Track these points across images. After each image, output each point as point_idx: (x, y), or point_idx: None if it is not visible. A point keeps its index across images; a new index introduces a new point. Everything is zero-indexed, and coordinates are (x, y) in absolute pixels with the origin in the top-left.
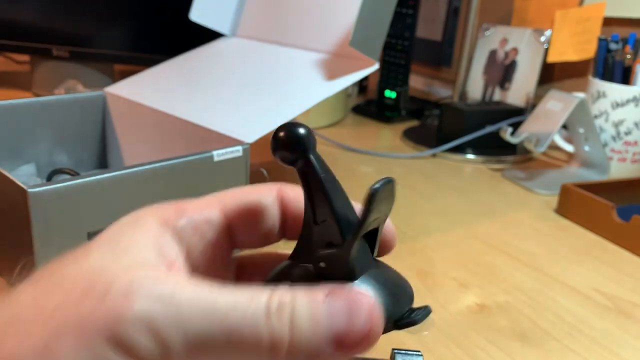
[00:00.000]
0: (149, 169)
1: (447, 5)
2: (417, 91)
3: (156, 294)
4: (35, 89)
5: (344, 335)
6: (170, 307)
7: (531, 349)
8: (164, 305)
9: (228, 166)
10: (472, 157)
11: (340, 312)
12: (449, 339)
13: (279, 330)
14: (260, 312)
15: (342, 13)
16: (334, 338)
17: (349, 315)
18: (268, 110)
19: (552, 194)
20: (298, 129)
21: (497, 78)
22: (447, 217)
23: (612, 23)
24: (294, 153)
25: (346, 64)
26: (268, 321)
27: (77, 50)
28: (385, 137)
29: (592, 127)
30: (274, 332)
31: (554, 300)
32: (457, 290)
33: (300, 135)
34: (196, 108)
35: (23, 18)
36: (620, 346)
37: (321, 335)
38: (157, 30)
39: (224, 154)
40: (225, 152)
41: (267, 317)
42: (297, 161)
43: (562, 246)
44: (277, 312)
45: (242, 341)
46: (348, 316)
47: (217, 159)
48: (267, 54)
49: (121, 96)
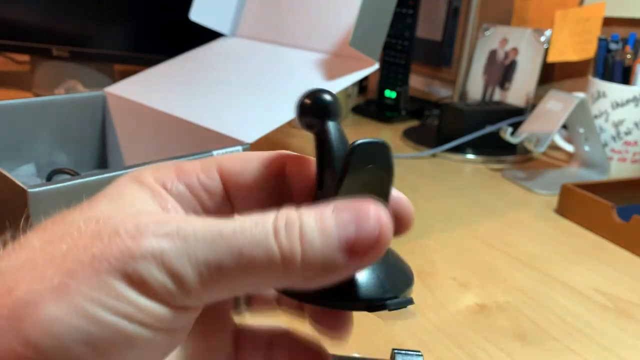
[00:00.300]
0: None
1: (447, 5)
2: (417, 91)
3: (163, 232)
4: (35, 89)
5: (355, 241)
6: (177, 241)
7: (531, 349)
8: (171, 239)
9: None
10: (472, 157)
11: (348, 220)
12: (449, 339)
13: (289, 245)
14: (268, 230)
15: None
16: (345, 246)
17: (357, 222)
18: (268, 110)
19: (552, 194)
20: (323, 95)
21: (497, 78)
22: (447, 217)
23: (612, 23)
24: (314, 118)
25: (346, 64)
26: (277, 238)
27: (77, 50)
28: (385, 137)
29: (592, 127)
30: (284, 248)
31: (554, 300)
32: (457, 290)
33: (324, 102)
34: (196, 108)
35: (23, 18)
36: (620, 346)
37: (332, 244)
38: (157, 30)
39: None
40: (225, 152)
41: (275, 234)
42: (314, 126)
43: (562, 246)
44: (285, 229)
45: (253, 262)
46: (356, 223)
47: None
48: (267, 54)
49: (121, 96)
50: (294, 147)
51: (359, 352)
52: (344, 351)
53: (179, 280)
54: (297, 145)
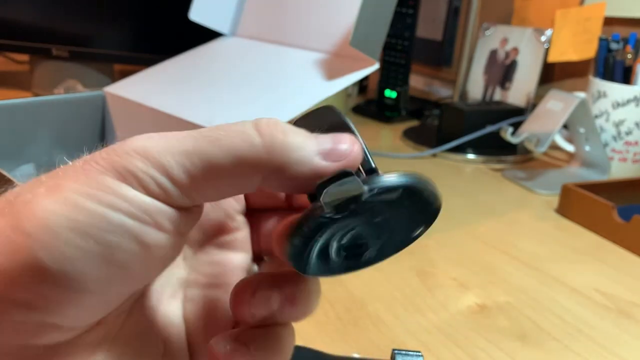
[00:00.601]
0: None
1: (447, 5)
2: (417, 91)
3: (145, 136)
4: (34, 89)
5: (330, 150)
6: (159, 139)
7: (531, 349)
8: (152, 138)
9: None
10: (472, 157)
11: (326, 139)
12: (449, 339)
13: (270, 133)
14: (247, 124)
15: (342, 13)
16: (321, 152)
17: (334, 142)
18: (268, 110)
19: (553, 194)
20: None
21: (498, 78)
22: (448, 217)
23: (612, 23)
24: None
25: (346, 64)
26: (258, 129)
27: (77, 50)
28: (385, 137)
29: (593, 127)
30: (264, 135)
31: (554, 300)
32: (457, 290)
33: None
34: (196, 108)
35: (23, 18)
36: (620, 346)
37: (310, 146)
38: (157, 30)
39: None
40: None
41: (256, 126)
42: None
43: (562, 246)
44: (267, 123)
45: (233, 147)
46: (333, 142)
47: None
48: (267, 54)
49: (121, 96)
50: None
51: (359, 352)
52: (344, 351)
53: (164, 171)
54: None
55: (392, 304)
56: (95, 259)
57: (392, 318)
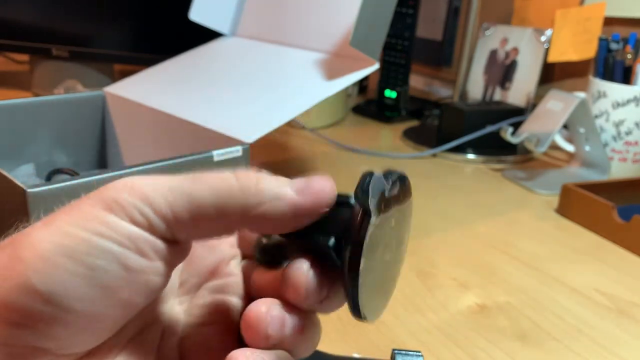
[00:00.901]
0: (148, 168)
1: (447, 5)
2: (417, 91)
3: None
4: (34, 89)
5: (304, 187)
6: (145, 177)
7: (531, 349)
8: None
9: (228, 166)
10: (472, 157)
11: (299, 180)
12: (449, 339)
13: (246, 177)
14: (229, 173)
15: (342, 13)
16: (295, 188)
17: (307, 180)
18: (268, 110)
19: (553, 194)
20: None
21: (498, 78)
22: (447, 217)
23: (612, 23)
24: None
25: (346, 64)
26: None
27: (77, 50)
28: (385, 137)
29: (593, 127)
30: (241, 178)
31: (554, 300)
32: (457, 290)
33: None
34: (196, 108)
35: (23, 18)
36: (620, 346)
37: (284, 184)
38: (157, 30)
39: (224, 154)
40: (225, 152)
41: (234, 172)
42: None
43: (562, 246)
44: (245, 172)
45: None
46: (306, 180)
47: (217, 159)
48: (267, 54)
49: (121, 96)
50: (294, 147)
51: (359, 352)
52: (344, 351)
53: (148, 202)
54: (296, 145)
55: (392, 304)
56: (82, 280)
57: (392, 318)
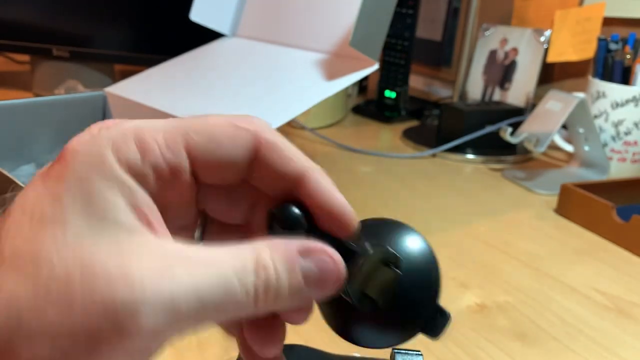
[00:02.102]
0: None
1: (447, 5)
2: (417, 91)
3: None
4: (35, 89)
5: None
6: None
7: (531, 349)
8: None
9: None
10: (472, 157)
11: (314, 278)
12: (449, 339)
13: (264, 300)
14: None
15: (342, 13)
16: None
17: (321, 282)
18: (268, 110)
19: (552, 194)
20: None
21: (497, 78)
22: (447, 217)
23: (612, 23)
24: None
25: (346, 64)
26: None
27: (77, 50)
28: (385, 137)
29: (592, 127)
30: (259, 302)
31: (554, 300)
32: (457, 290)
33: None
34: (196, 108)
35: (23, 18)
36: (620, 346)
37: (298, 291)
38: (157, 30)
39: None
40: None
41: (247, 294)
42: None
43: (562, 246)
44: (263, 291)
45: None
46: (320, 284)
47: None
48: (267, 54)
49: (121, 96)
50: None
51: (359, 351)
52: (344, 351)
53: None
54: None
55: None
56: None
57: None
